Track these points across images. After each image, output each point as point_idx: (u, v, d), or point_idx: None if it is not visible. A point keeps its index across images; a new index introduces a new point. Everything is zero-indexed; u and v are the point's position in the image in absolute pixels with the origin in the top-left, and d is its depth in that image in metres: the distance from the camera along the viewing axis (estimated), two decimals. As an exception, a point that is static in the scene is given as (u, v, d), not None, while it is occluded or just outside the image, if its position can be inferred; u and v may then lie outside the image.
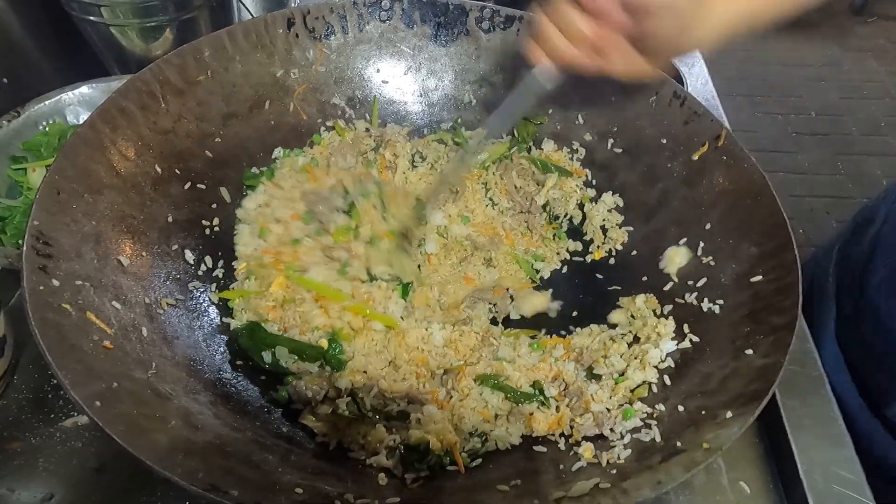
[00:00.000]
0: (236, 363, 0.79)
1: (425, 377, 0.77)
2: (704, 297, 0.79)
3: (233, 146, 0.93)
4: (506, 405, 0.74)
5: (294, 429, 0.73)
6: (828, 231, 2.94)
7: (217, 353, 0.79)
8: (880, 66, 3.93)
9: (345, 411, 0.72)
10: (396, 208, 0.91)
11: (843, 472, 0.71)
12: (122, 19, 1.11)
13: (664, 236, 0.90)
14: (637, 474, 0.57)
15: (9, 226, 0.94)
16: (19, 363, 0.85)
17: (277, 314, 0.80)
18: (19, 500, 0.73)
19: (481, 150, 1.01)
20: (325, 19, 0.98)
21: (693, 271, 0.83)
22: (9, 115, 1.03)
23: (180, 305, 0.79)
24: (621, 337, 0.81)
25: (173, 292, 0.79)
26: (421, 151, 1.01)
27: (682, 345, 0.76)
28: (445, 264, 0.94)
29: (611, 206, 0.97)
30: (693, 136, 0.88)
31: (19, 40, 1.16)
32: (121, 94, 0.80)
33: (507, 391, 0.75)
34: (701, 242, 0.83)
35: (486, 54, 1.03)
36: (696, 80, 1.29)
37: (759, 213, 0.77)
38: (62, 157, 0.71)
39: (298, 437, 0.72)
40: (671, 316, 0.81)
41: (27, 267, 0.59)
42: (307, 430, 0.73)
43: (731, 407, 0.60)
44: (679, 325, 0.79)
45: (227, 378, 0.77)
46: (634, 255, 0.93)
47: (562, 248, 0.98)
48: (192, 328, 0.79)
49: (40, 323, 0.56)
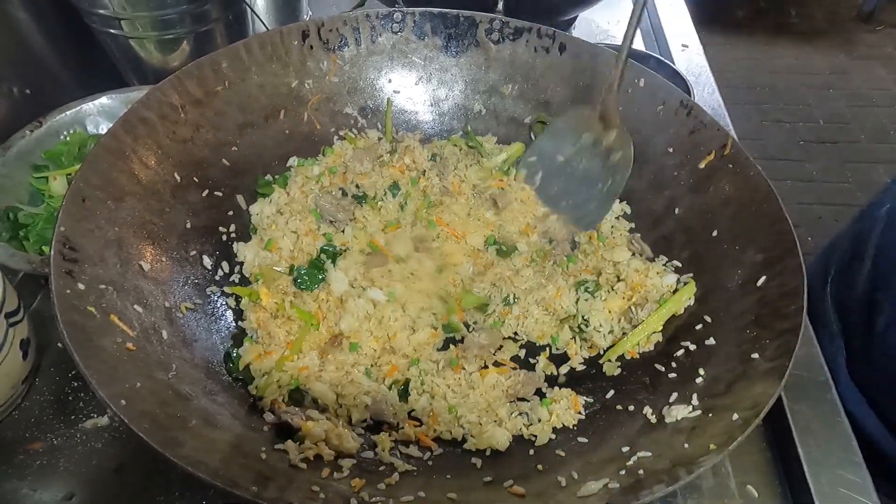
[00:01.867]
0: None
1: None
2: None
3: (249, 155, 0.96)
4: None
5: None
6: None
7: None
8: (888, 74, 3.93)
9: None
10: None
11: (849, 475, 0.72)
12: (141, 32, 1.14)
13: (672, 244, 0.91)
14: (645, 475, 0.58)
15: (31, 233, 0.96)
16: (41, 366, 0.88)
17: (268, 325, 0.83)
18: (41, 499, 0.76)
19: (498, 153, 1.04)
20: (339, 31, 1.00)
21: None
22: (31, 125, 1.06)
23: (199, 309, 0.82)
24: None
25: (192, 296, 0.82)
26: (437, 153, 1.04)
27: (690, 346, 0.78)
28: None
29: (618, 214, 0.99)
30: (699, 144, 0.89)
31: (41, 53, 1.19)
32: (142, 104, 0.82)
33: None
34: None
35: (496, 65, 1.05)
36: (703, 89, 1.31)
37: (764, 220, 0.78)
38: (86, 166, 0.74)
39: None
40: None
41: (55, 271, 0.62)
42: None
43: (737, 409, 0.61)
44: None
45: (243, 379, 0.79)
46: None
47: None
48: (210, 331, 0.81)
49: (68, 325, 0.58)
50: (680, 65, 1.36)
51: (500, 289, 0.90)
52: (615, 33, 1.56)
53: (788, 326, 0.66)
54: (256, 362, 0.79)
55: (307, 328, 0.82)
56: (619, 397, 0.78)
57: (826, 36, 4.31)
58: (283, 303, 0.85)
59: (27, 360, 0.82)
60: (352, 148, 1.03)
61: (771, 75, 3.95)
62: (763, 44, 4.25)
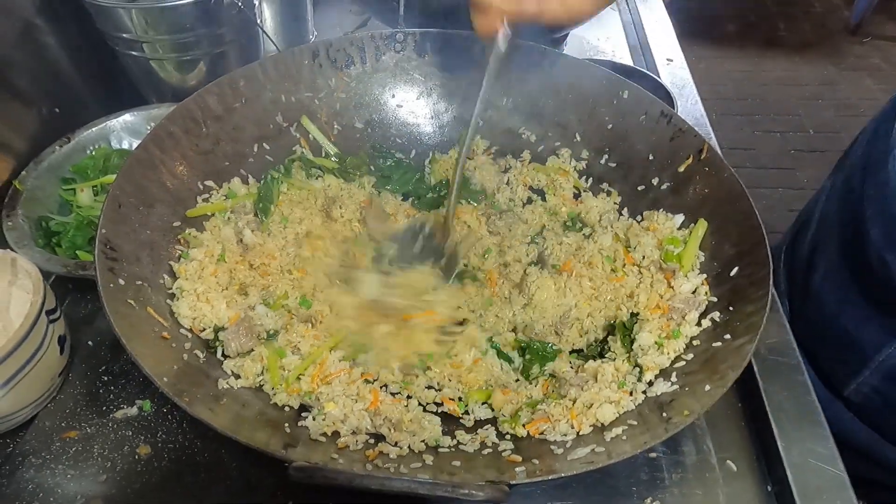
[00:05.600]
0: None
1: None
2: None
3: (263, 166, 1.04)
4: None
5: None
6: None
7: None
8: (875, 85, 4.03)
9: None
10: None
11: (819, 448, 0.79)
12: (160, 54, 1.22)
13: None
14: (628, 438, 0.65)
15: (63, 239, 1.03)
16: (73, 362, 0.94)
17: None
18: (79, 482, 0.81)
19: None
20: (346, 51, 1.09)
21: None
22: (60, 140, 1.14)
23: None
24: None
25: (215, 292, 0.89)
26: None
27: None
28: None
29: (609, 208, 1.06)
30: (679, 150, 0.97)
31: (69, 75, 1.27)
32: (169, 119, 0.90)
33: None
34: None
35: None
36: (687, 101, 1.39)
37: (736, 217, 0.86)
38: (121, 175, 0.81)
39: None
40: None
41: (99, 267, 0.69)
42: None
43: (710, 381, 0.68)
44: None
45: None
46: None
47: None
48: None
49: (114, 313, 0.65)
50: (665, 78, 1.45)
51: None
52: (604, 48, 1.65)
53: (755, 309, 0.73)
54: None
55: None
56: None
57: (815, 48, 4.42)
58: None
59: (63, 355, 0.88)
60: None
61: (762, 87, 4.05)
62: (754, 56, 4.36)
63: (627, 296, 0.90)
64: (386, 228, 1.01)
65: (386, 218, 1.03)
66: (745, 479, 0.81)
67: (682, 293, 0.86)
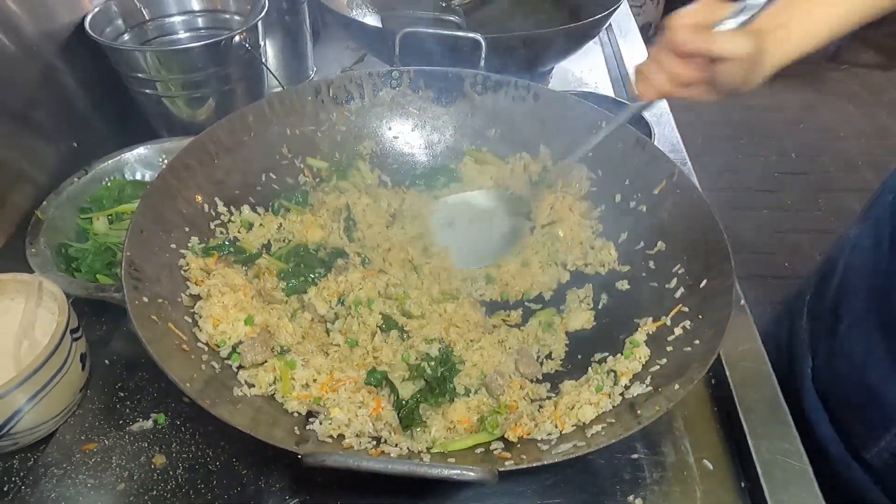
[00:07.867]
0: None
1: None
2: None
3: (270, 194, 1.12)
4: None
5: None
6: (812, 264, 3.08)
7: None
8: (855, 109, 4.17)
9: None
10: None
11: (786, 444, 0.86)
12: (172, 91, 1.31)
13: (635, 256, 1.07)
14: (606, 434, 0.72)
15: (83, 265, 1.10)
16: (91, 379, 1.00)
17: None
18: (98, 491, 0.86)
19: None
20: (346, 87, 1.18)
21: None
22: (79, 172, 1.21)
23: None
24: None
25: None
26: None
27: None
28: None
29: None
30: (653, 174, 1.05)
31: (86, 112, 1.35)
32: (185, 151, 0.98)
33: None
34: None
35: (481, 112, 1.22)
36: (664, 128, 1.48)
37: (706, 234, 0.93)
38: (143, 203, 0.89)
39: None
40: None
41: (126, 286, 0.76)
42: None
43: (678, 380, 0.75)
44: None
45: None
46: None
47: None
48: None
49: (142, 327, 0.72)
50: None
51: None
52: (588, 80, 1.75)
53: (721, 317, 0.80)
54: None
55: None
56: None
57: (796, 75, 4.56)
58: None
59: (84, 371, 0.94)
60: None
61: (746, 112, 4.17)
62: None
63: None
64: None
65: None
66: (721, 477, 0.87)
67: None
